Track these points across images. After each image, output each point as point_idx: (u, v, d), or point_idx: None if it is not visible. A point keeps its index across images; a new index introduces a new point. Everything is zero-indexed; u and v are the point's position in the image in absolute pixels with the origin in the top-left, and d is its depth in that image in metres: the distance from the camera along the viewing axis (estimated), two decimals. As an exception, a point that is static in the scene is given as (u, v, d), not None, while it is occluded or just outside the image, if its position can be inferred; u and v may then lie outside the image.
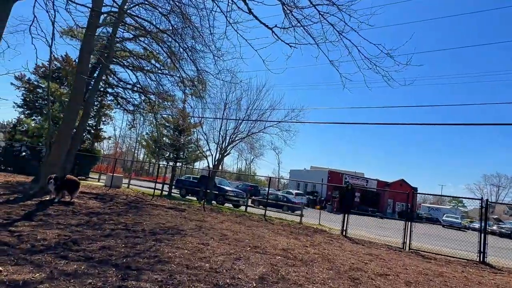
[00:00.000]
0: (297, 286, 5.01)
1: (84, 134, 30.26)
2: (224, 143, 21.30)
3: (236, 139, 21.55)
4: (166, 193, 21.72)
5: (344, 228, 13.49)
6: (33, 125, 27.13)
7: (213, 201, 20.11)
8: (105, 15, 13.91)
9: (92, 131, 32.34)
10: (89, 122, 31.22)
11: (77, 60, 14.19)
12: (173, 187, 23.34)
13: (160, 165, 25.20)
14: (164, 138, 24.66)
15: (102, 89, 21.71)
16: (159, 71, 17.80)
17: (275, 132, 21.61)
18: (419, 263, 9.23)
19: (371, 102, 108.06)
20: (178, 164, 26.40)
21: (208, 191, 19.46)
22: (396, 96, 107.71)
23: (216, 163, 21.52)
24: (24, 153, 24.12)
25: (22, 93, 30.47)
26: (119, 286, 3.93)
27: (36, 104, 30.42)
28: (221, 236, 8.47)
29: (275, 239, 9.32)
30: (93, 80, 16.01)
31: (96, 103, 29.64)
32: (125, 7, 11.83)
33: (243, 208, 19.92)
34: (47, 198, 10.47)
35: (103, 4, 12.90)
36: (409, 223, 12.35)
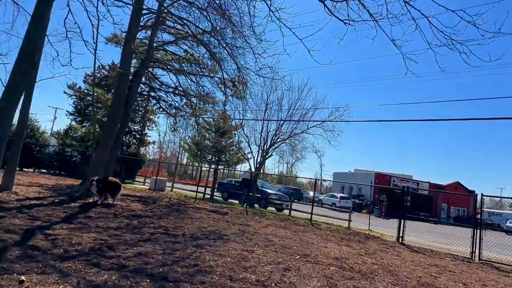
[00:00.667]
0: (360, 306, 4.17)
1: (130, 139, 31.23)
2: (265, 145, 20.69)
3: (278, 140, 20.87)
4: (209, 196, 21.51)
5: (400, 235, 12.25)
6: (83, 130, 28.34)
7: (255, 205, 19.52)
8: (145, 17, 13.92)
9: (138, 136, 33.28)
10: (135, 127, 32.17)
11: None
12: (215, 190, 23.12)
13: (203, 168, 25.08)
14: (206, 141, 24.57)
15: (145, 93, 22.03)
16: (200, 73, 17.61)
17: (319, 132, 20.71)
18: (497, 277, 7.92)
19: (414, 97, 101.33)
20: (220, 167, 26.20)
21: (251, 194, 18.89)
22: (441, 88, 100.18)
23: (258, 165, 20.94)
24: (75, 158, 25.17)
25: (74, 101, 32.09)
26: (152, 302, 3.37)
27: (87, 111, 31.85)
28: (266, 242, 7.77)
29: (325, 246, 8.46)
30: (133, 81, 16.07)
31: (140, 108, 30.44)
32: (164, 4, 11.65)
33: (286, 212, 19.13)
34: (91, 201, 10.44)
35: (144, 6, 12.88)
36: (478, 230, 10.87)
